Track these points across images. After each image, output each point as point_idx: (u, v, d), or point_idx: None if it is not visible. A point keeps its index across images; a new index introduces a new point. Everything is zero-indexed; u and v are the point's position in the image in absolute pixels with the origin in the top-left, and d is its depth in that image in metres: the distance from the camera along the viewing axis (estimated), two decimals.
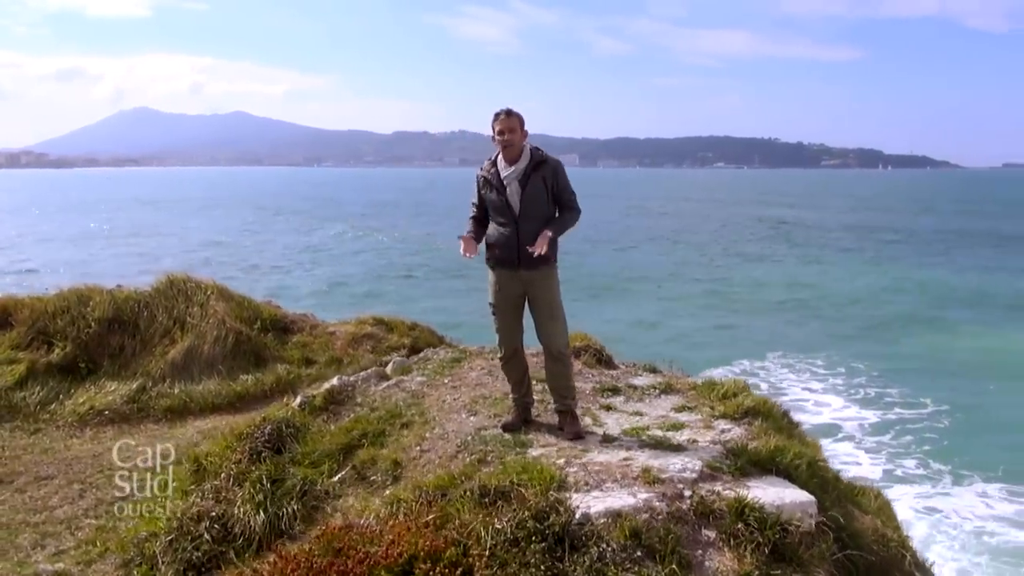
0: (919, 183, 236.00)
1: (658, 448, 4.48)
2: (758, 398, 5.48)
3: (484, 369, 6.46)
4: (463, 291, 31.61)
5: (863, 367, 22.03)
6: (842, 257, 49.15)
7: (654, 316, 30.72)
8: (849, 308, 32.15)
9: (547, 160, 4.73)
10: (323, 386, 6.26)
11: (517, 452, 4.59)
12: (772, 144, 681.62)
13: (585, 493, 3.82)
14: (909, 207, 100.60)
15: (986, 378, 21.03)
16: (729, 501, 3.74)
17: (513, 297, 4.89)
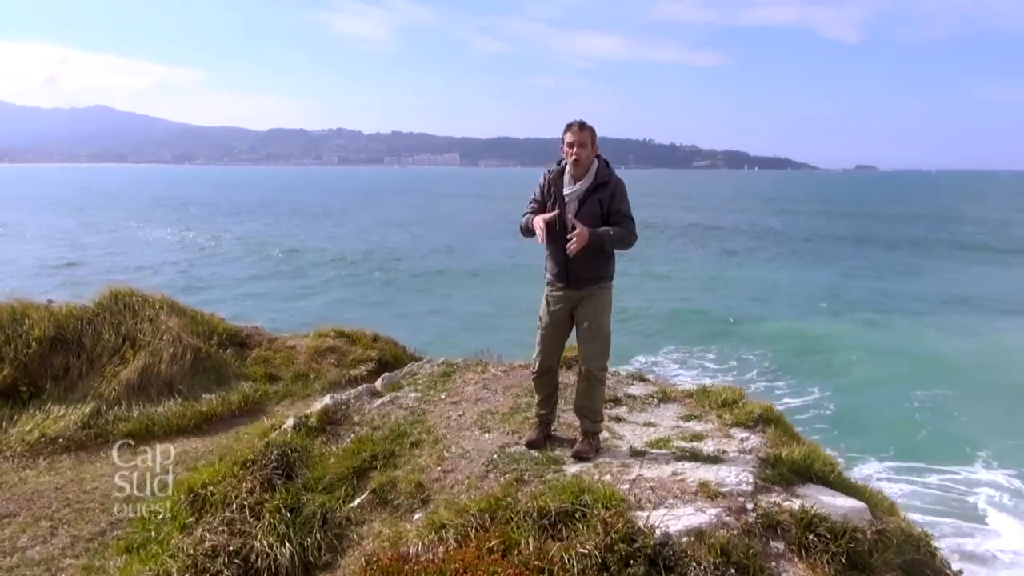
0: (780, 183, 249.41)
1: (697, 461, 4.50)
2: (763, 405, 5.59)
3: (478, 383, 6.33)
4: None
5: (754, 358, 22.84)
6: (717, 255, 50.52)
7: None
8: (733, 303, 32.99)
9: (609, 182, 4.58)
10: (315, 406, 5.96)
11: (554, 470, 4.51)
12: (647, 145, 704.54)
13: (651, 511, 3.79)
14: (770, 206, 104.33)
15: (855, 367, 22.11)
16: (793, 512, 3.80)
17: (561, 316, 4.77)
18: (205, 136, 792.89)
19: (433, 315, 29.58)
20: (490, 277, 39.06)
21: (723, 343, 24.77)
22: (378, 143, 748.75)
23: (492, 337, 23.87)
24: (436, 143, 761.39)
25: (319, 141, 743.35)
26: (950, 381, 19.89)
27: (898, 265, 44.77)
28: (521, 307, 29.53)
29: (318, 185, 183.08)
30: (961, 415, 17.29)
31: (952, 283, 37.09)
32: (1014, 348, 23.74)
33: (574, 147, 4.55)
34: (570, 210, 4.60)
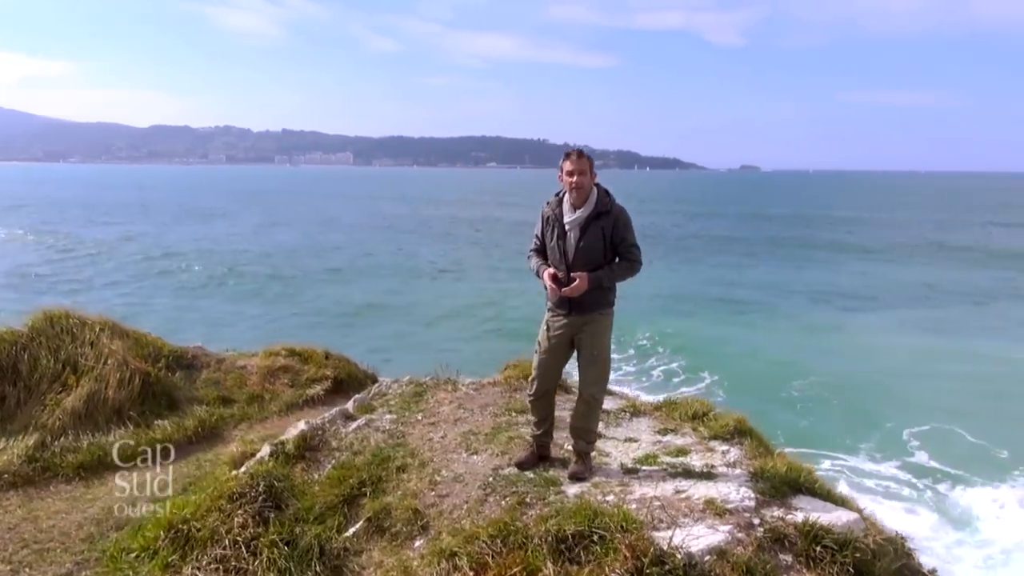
0: (671, 182, 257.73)
1: (692, 477, 4.64)
2: (736, 417, 5.81)
3: (452, 402, 6.32)
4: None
5: (655, 351, 23.68)
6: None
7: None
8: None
9: (611, 210, 4.62)
10: (290, 431, 5.81)
11: (555, 492, 4.56)
12: (542, 145, 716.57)
13: (666, 531, 3.89)
14: (660, 206, 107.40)
15: (736, 361, 22.95)
16: (797, 525, 3.98)
17: (561, 341, 4.81)
18: (80, 132, 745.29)
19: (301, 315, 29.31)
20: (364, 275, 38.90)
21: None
22: (268, 141, 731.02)
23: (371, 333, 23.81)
24: (329, 142, 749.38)
25: (205, 139, 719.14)
26: (822, 374, 20.81)
27: (777, 263, 46.49)
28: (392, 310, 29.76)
29: (200, 185, 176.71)
30: (839, 405, 18.20)
31: (823, 281, 38.81)
32: (879, 343, 24.99)
33: (574, 175, 4.60)
34: (572, 237, 4.66)
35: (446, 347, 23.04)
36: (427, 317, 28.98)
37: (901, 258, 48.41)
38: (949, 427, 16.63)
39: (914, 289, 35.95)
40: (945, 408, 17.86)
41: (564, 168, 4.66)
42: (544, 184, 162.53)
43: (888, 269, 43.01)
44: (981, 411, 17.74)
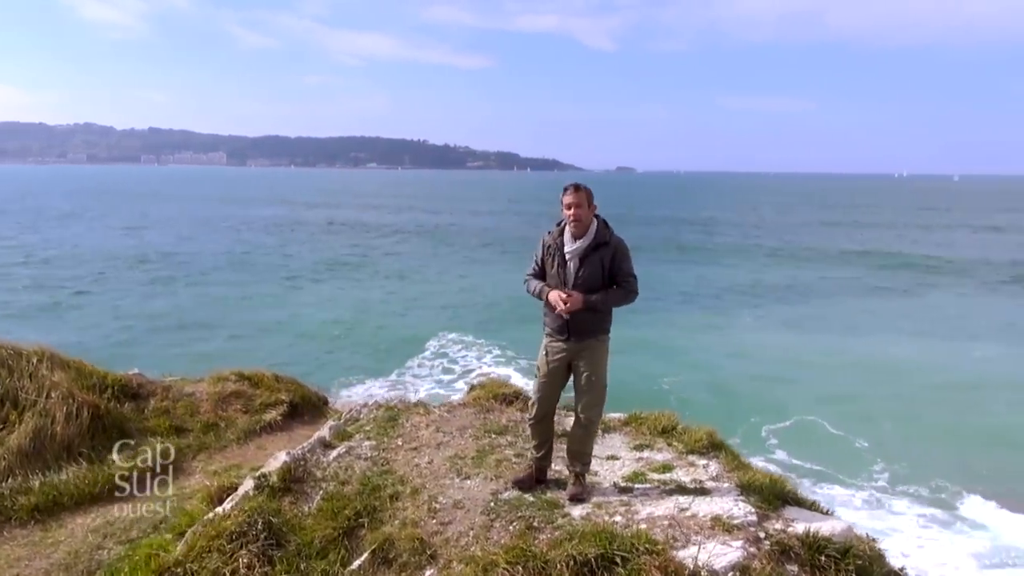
0: (552, 183, 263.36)
1: (688, 494, 4.86)
2: (706, 430, 6.09)
3: (429, 426, 6.34)
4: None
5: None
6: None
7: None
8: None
9: (609, 241, 4.77)
10: (272, 464, 5.68)
11: (561, 515, 4.69)
12: (421, 146, 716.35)
13: (683, 550, 4.09)
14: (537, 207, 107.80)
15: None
16: (799, 536, 4.25)
17: (559, 366, 4.95)
18: None
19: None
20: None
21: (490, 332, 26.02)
22: (133, 140, 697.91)
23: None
24: (200, 141, 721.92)
25: (63, 137, 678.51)
26: (688, 372, 21.64)
27: (643, 265, 48.16)
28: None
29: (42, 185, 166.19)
30: (703, 403, 18.74)
31: (687, 281, 39.87)
32: (743, 341, 26.19)
33: (572, 208, 4.76)
34: (571, 266, 4.82)
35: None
36: (258, 330, 27.24)
37: (760, 258, 50.38)
38: (812, 419, 17.51)
39: (776, 288, 37.49)
40: (807, 403, 18.72)
41: (564, 201, 4.81)
42: (425, 185, 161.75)
43: (748, 269, 44.83)
44: (842, 404, 18.76)
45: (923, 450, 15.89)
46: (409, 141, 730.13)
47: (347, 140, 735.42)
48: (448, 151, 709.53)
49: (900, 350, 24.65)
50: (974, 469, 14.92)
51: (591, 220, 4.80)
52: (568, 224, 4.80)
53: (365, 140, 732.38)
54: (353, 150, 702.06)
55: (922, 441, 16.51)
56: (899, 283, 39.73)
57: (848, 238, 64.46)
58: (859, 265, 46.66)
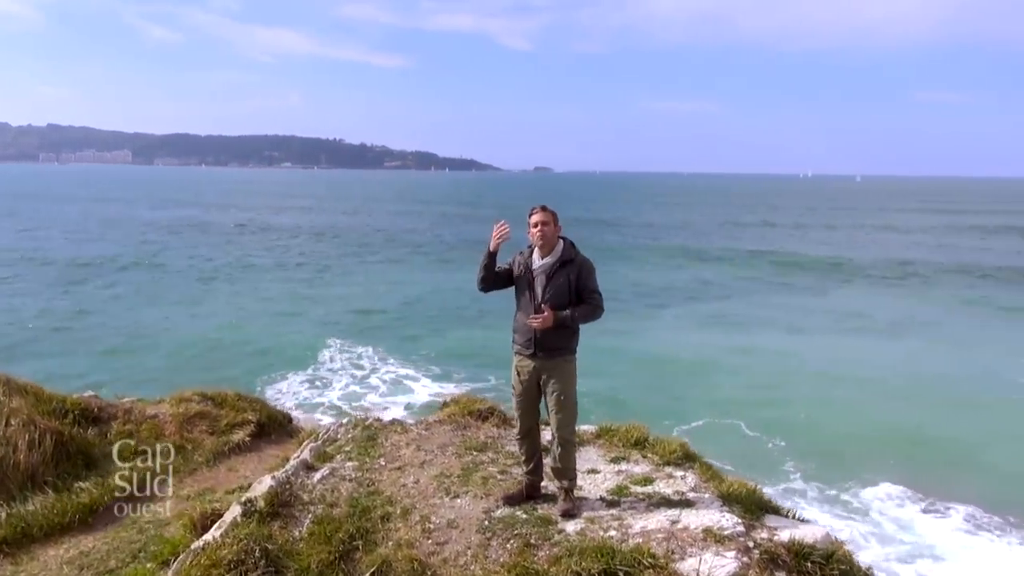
0: (469, 183, 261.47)
1: (674, 506, 5.07)
2: (678, 442, 6.35)
3: (410, 445, 6.41)
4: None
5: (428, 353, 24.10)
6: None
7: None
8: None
9: (575, 259, 4.99)
10: (258, 488, 5.65)
11: (557, 531, 4.84)
12: (338, 145, 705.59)
13: (682, 562, 4.30)
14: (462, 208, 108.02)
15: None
16: (785, 544, 4.52)
17: (530, 383, 5.14)
18: None
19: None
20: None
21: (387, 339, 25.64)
22: (31, 137, 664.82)
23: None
24: (103, 138, 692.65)
25: None
26: (611, 372, 21.75)
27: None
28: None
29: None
30: (617, 406, 18.44)
31: (610, 282, 40.80)
32: (657, 342, 26.58)
33: (539, 226, 4.99)
34: (539, 283, 5.00)
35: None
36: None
37: (673, 259, 51.14)
38: (727, 420, 17.93)
39: (687, 289, 38.46)
40: (720, 403, 19.23)
41: (531, 220, 5.05)
42: (341, 185, 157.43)
43: (662, 270, 45.79)
44: (753, 402, 19.32)
45: (831, 446, 16.54)
46: (325, 140, 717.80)
47: (261, 139, 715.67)
48: (365, 150, 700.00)
49: (806, 347, 25.69)
50: (879, 463, 15.65)
51: (557, 240, 5.01)
52: (535, 242, 5.00)
53: (279, 139, 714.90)
54: (267, 149, 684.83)
55: (830, 437, 17.19)
56: (805, 282, 41.42)
57: (758, 238, 66.44)
58: (767, 265, 48.21)
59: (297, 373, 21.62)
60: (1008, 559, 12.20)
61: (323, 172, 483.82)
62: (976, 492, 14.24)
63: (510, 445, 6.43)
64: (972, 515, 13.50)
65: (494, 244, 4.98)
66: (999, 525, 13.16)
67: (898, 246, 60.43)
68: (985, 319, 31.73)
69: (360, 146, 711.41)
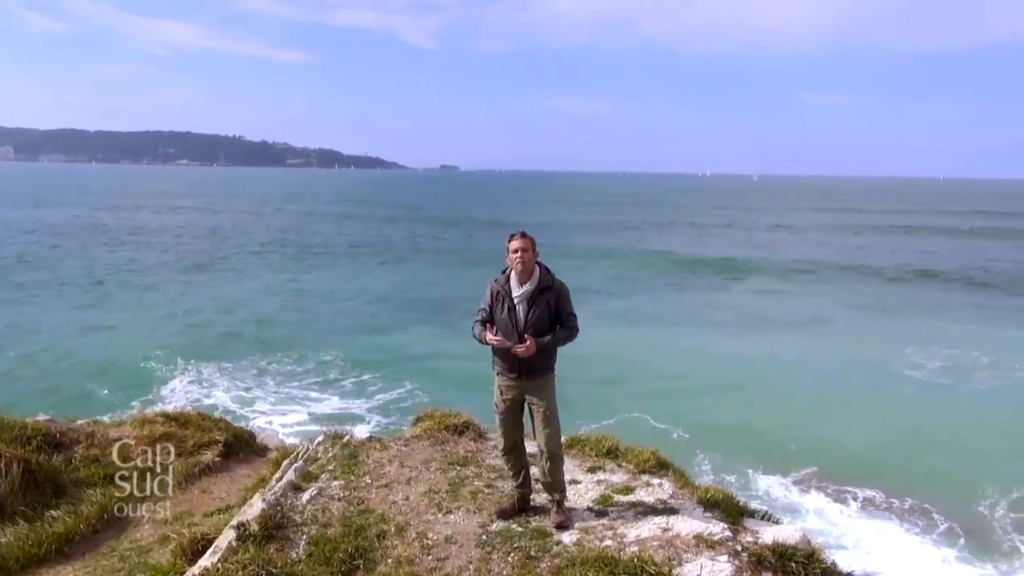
0: (372, 182, 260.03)
1: (661, 514, 5.36)
2: (650, 450, 6.67)
3: (392, 461, 6.51)
4: None
5: (330, 357, 24.29)
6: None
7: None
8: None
9: (553, 285, 5.25)
10: (249, 512, 5.66)
11: (555, 543, 5.06)
12: (237, 142, 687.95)
13: (680, 568, 4.59)
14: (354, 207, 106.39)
15: (430, 362, 24.47)
16: (769, 547, 4.87)
17: (514, 402, 5.39)
18: None
19: None
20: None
21: (284, 352, 25.17)
22: None
23: None
24: None
25: None
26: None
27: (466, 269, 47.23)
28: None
29: None
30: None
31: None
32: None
33: (519, 252, 5.22)
34: (520, 311, 5.23)
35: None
36: None
37: (578, 259, 51.10)
38: (635, 415, 18.69)
39: (594, 287, 39.24)
40: (629, 397, 20.08)
41: (510, 247, 5.27)
42: (235, 183, 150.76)
43: (565, 271, 46.56)
44: (663, 398, 20.20)
45: (732, 437, 17.51)
46: (224, 137, 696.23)
47: (154, 135, 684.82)
48: (267, 148, 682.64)
49: (708, 343, 26.91)
50: (777, 452, 16.69)
51: (535, 266, 5.26)
52: (514, 267, 5.23)
53: (175, 135, 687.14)
54: (161, 146, 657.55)
55: (731, 428, 18.18)
56: (705, 280, 43.45)
57: (659, 237, 68.85)
58: (667, 264, 50.05)
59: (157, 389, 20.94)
60: (902, 543, 13.17)
61: (222, 170, 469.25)
62: (871, 479, 15.39)
63: (490, 459, 6.64)
64: (870, 499, 14.66)
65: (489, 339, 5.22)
66: (895, 510, 14.30)
67: (792, 245, 63.63)
68: (872, 315, 33.76)
69: (261, 143, 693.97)
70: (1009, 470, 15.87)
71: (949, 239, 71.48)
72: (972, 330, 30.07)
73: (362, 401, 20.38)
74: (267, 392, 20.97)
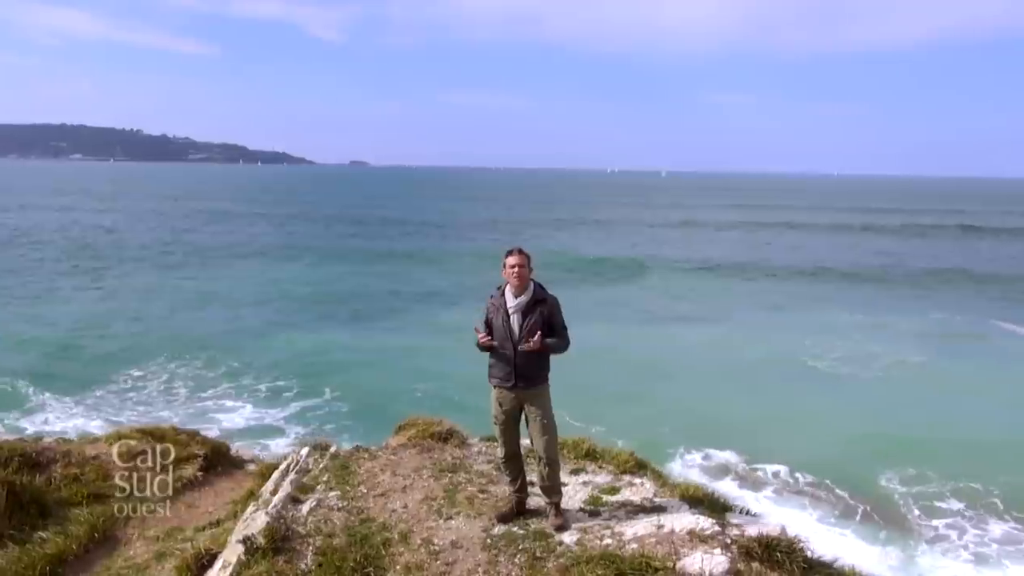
0: (280, 177, 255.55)
1: (651, 512, 5.74)
2: (627, 451, 7.06)
3: (384, 471, 6.71)
4: None
5: (238, 364, 23.72)
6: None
7: None
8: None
9: (547, 298, 5.61)
10: (252, 525, 5.76)
11: (557, 543, 5.37)
12: (135, 136, 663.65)
13: (680, 563, 4.97)
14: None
15: (348, 366, 24.27)
16: (756, 539, 5.29)
17: (512, 412, 5.69)
18: None
19: None
20: None
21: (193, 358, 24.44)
22: None
23: None
24: None
25: None
26: (440, 373, 23.06)
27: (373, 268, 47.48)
28: None
29: None
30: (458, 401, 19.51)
31: (417, 282, 41.66)
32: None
33: (516, 267, 5.57)
34: (515, 321, 5.57)
35: None
36: None
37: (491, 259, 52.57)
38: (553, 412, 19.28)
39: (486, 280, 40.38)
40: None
41: (508, 263, 5.62)
42: (136, 178, 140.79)
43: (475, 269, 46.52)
44: (576, 392, 20.56)
45: (646, 428, 18.25)
46: (120, 130, 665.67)
47: (44, 128, 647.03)
48: (167, 142, 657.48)
49: (618, 339, 27.77)
50: (687, 438, 17.73)
51: (529, 281, 5.62)
52: (511, 281, 5.58)
53: (67, 128, 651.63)
54: (53, 139, 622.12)
55: (645, 420, 19.01)
56: (613, 276, 44.95)
57: (567, 234, 69.67)
58: (571, 262, 50.09)
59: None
60: (805, 520, 14.10)
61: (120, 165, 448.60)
62: (780, 461, 16.49)
63: (477, 464, 6.91)
64: (778, 479, 15.78)
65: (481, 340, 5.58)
66: (800, 489, 15.44)
67: (696, 243, 65.95)
68: (772, 309, 35.69)
69: (161, 137, 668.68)
70: (906, 450, 17.30)
71: (842, 235, 75.53)
72: (864, 320, 32.46)
73: (277, 410, 19.98)
74: (176, 405, 20.29)
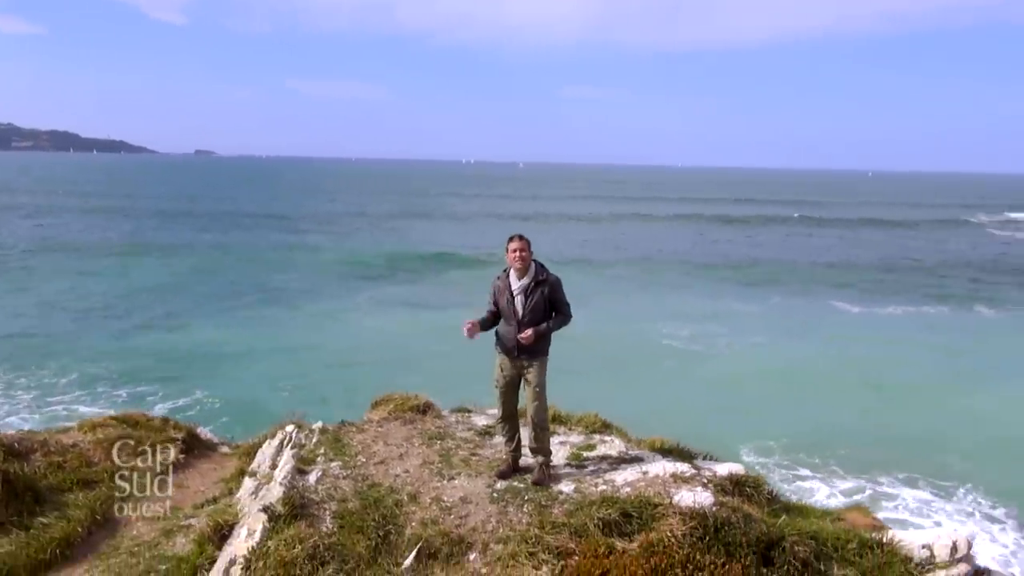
0: (116, 167, 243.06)
1: (632, 462, 6.49)
2: (593, 414, 7.78)
3: (377, 441, 7.14)
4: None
5: (100, 370, 22.74)
6: None
7: None
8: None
9: (548, 279, 6.19)
10: (269, 496, 6.06)
11: (559, 492, 6.02)
12: None
13: (677, 499, 5.72)
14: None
15: (222, 363, 24.03)
16: (727, 477, 6.16)
17: (512, 378, 6.30)
18: None
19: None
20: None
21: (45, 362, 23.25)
22: None
23: None
24: None
25: None
26: (311, 364, 23.78)
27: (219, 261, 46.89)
28: None
29: None
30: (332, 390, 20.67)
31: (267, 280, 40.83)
32: (359, 324, 29.81)
33: (518, 251, 6.18)
34: (518, 302, 6.17)
35: None
36: None
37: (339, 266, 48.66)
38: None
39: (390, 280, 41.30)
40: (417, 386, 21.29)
41: (510, 247, 6.23)
42: None
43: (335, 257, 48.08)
44: (455, 380, 21.57)
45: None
46: None
47: None
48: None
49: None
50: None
51: (531, 263, 6.22)
52: (514, 264, 6.18)
53: None
54: None
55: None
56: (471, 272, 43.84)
57: (421, 230, 68.90)
58: (417, 260, 50.52)
59: None
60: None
61: None
62: (652, 433, 17.58)
63: (460, 432, 7.45)
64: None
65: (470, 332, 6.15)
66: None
67: (552, 233, 67.01)
68: (624, 295, 38.24)
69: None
70: (764, 419, 19.17)
71: (683, 224, 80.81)
72: (708, 303, 35.84)
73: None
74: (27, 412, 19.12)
